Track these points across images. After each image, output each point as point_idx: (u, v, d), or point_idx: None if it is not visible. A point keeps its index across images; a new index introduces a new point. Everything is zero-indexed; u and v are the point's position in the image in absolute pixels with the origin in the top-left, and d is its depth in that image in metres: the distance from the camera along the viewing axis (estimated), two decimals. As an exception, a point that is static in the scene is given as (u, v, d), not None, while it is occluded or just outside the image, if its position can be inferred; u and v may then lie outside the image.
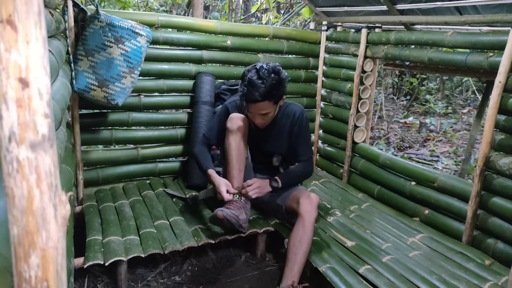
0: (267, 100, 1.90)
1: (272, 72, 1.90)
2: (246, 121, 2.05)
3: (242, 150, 2.01)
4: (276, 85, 1.89)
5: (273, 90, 1.88)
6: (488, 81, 2.42)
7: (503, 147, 1.86)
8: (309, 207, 1.92)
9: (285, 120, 2.14)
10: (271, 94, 1.89)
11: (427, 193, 2.24)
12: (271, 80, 1.87)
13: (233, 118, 2.03)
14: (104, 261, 1.77)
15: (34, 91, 0.39)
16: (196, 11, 3.85)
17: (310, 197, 1.96)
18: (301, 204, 1.93)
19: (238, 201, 1.95)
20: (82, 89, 2.12)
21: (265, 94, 1.87)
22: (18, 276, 0.42)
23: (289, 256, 1.84)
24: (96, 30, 2.09)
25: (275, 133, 2.15)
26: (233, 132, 1.99)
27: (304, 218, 1.89)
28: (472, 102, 7.47)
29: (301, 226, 1.88)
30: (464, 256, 1.88)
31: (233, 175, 1.98)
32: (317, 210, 1.96)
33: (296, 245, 1.84)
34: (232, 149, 2.00)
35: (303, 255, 1.83)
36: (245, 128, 2.04)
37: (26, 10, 0.38)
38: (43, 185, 0.41)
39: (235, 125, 2.00)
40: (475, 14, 2.06)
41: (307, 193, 2.02)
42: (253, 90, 1.86)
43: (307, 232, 1.86)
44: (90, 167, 2.55)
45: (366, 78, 2.74)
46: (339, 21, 2.98)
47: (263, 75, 1.87)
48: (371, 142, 4.62)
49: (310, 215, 1.90)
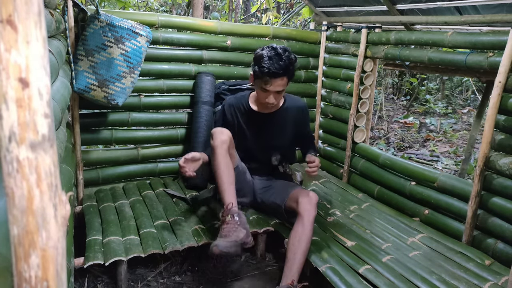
0: (286, 76, 1.95)
1: (286, 50, 1.96)
2: (228, 133, 1.99)
3: (229, 163, 1.96)
4: (293, 62, 1.96)
5: (290, 66, 1.94)
6: (488, 81, 2.42)
7: (503, 147, 1.86)
8: (308, 206, 1.91)
9: (289, 111, 2.16)
10: (289, 70, 1.94)
11: (427, 193, 2.24)
12: (289, 55, 1.94)
13: (215, 133, 1.97)
14: (104, 261, 1.77)
15: (34, 91, 0.39)
16: (196, 11, 3.85)
17: (309, 195, 1.96)
18: (300, 203, 1.93)
19: (232, 221, 1.81)
20: (82, 89, 2.12)
21: (285, 68, 1.92)
22: (18, 276, 0.42)
23: (288, 256, 1.83)
24: (96, 30, 2.09)
25: (280, 122, 2.15)
26: (217, 147, 1.93)
27: (303, 217, 1.89)
28: (472, 102, 7.47)
29: (300, 226, 1.88)
30: (464, 256, 1.88)
31: (224, 189, 1.90)
32: (316, 208, 1.95)
33: (295, 245, 1.84)
34: (218, 164, 1.92)
35: (302, 255, 1.83)
36: (229, 140, 1.98)
37: (26, 10, 0.38)
38: (43, 185, 0.41)
39: (218, 141, 1.94)
40: (475, 14, 2.06)
41: (306, 191, 2.01)
42: (276, 63, 1.90)
43: (306, 231, 1.86)
44: (90, 167, 2.55)
45: (366, 78, 2.74)
46: (339, 21, 2.98)
47: (284, 52, 1.94)
48: (371, 142, 4.62)
49: (309, 214, 1.89)
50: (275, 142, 2.20)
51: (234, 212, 1.81)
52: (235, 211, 1.82)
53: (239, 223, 1.78)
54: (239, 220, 1.80)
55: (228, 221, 1.79)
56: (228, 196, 1.88)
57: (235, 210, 1.83)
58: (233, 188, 1.92)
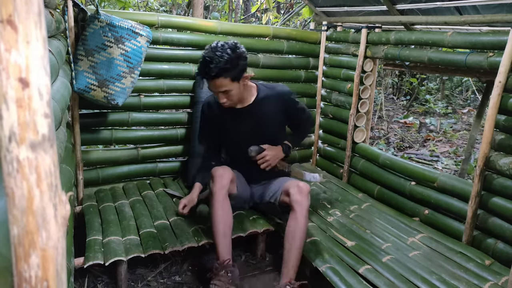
0: (222, 77, 1.83)
1: (228, 48, 1.83)
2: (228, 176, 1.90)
3: (226, 210, 1.86)
4: (230, 61, 1.81)
5: (226, 65, 1.81)
6: (488, 81, 2.42)
7: (503, 147, 1.86)
8: (299, 197, 1.83)
9: (266, 101, 2.06)
10: (225, 70, 1.81)
11: (427, 193, 2.24)
12: (226, 56, 1.80)
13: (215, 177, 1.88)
14: (104, 261, 1.77)
15: (34, 91, 0.39)
16: (196, 11, 3.85)
17: (298, 185, 1.86)
18: (291, 195, 1.85)
19: (224, 277, 1.75)
20: (82, 89, 2.12)
21: (218, 70, 1.80)
22: (18, 276, 0.42)
23: (284, 254, 1.81)
24: (96, 30, 2.09)
25: (258, 114, 2.06)
26: (215, 193, 1.86)
27: (296, 211, 1.82)
28: (472, 102, 7.47)
29: (293, 221, 1.82)
30: (464, 256, 1.88)
31: (219, 242, 1.82)
32: (309, 199, 1.86)
33: (289, 242, 1.80)
34: (215, 211, 1.85)
35: (297, 251, 1.79)
36: (230, 181, 1.90)
37: (26, 10, 0.38)
38: (43, 185, 0.41)
39: (217, 186, 1.86)
40: (475, 14, 2.06)
41: (296, 182, 1.92)
42: (206, 66, 1.81)
43: (299, 225, 1.80)
44: (90, 167, 2.55)
45: (366, 78, 2.74)
46: (339, 21, 2.98)
47: (217, 51, 1.81)
48: (371, 142, 4.62)
49: (301, 206, 1.82)
50: (256, 136, 2.11)
51: (228, 268, 1.77)
52: (229, 267, 1.78)
53: (230, 280, 1.74)
54: (232, 277, 1.75)
55: (221, 276, 1.74)
56: (223, 250, 1.81)
57: (229, 267, 1.78)
58: (228, 240, 1.83)
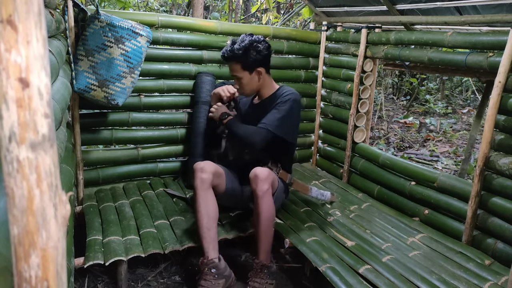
0: (234, 61, 2.02)
1: (251, 39, 2.02)
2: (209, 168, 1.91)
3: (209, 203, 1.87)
4: (244, 48, 1.98)
5: (239, 51, 1.98)
6: (488, 81, 2.42)
7: (503, 147, 1.86)
8: (254, 184, 1.82)
9: (273, 100, 2.09)
10: (237, 56, 1.99)
11: (427, 193, 2.24)
12: (242, 44, 1.99)
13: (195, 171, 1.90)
14: (105, 261, 1.77)
15: (34, 91, 0.39)
16: (196, 11, 3.85)
17: (255, 172, 1.84)
18: (251, 181, 1.84)
19: (209, 274, 1.76)
20: (82, 89, 2.12)
21: (231, 54, 2.00)
22: (18, 276, 0.42)
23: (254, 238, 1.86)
24: (96, 30, 2.09)
25: (263, 111, 2.07)
26: (197, 188, 1.87)
27: (256, 196, 1.82)
28: (472, 102, 7.47)
29: (255, 207, 1.84)
30: (464, 256, 1.88)
31: (203, 237, 1.83)
32: (267, 182, 1.83)
33: (255, 228, 1.85)
34: (198, 206, 1.86)
35: (264, 234, 1.82)
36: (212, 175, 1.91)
37: (26, 10, 0.38)
38: (43, 185, 0.41)
39: (197, 181, 1.88)
40: (475, 14, 2.06)
41: (254, 170, 1.87)
42: (228, 48, 2.02)
43: (258, 209, 1.81)
44: (90, 167, 2.55)
45: (366, 78, 2.74)
46: (339, 21, 2.99)
47: (240, 39, 2.02)
48: (371, 142, 4.62)
49: (259, 190, 1.81)
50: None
51: (211, 264, 1.77)
52: (212, 263, 1.78)
53: (216, 276, 1.76)
54: (217, 272, 1.77)
55: (206, 273, 1.76)
56: (207, 246, 1.81)
57: (212, 262, 1.78)
58: (213, 234, 1.84)
